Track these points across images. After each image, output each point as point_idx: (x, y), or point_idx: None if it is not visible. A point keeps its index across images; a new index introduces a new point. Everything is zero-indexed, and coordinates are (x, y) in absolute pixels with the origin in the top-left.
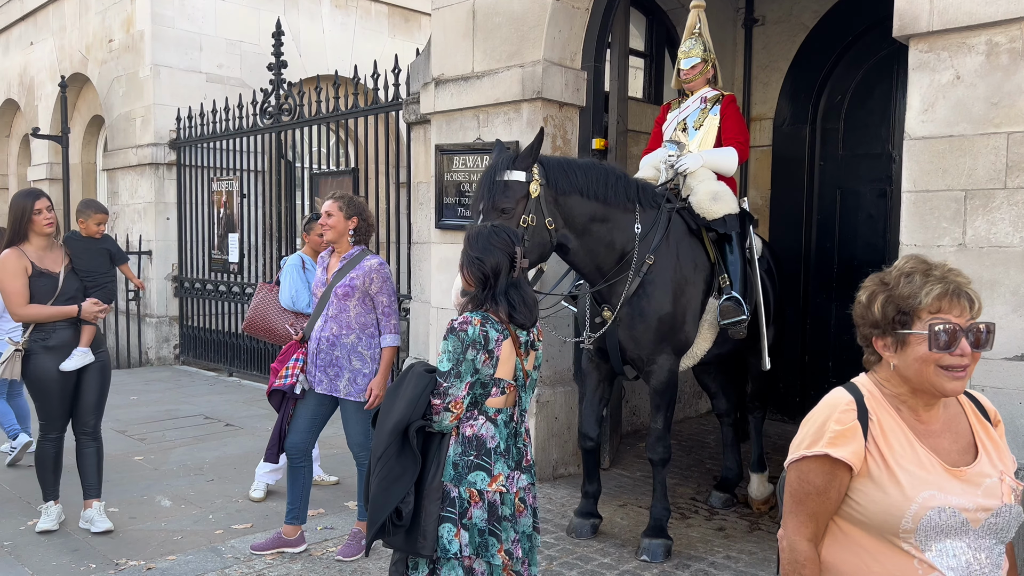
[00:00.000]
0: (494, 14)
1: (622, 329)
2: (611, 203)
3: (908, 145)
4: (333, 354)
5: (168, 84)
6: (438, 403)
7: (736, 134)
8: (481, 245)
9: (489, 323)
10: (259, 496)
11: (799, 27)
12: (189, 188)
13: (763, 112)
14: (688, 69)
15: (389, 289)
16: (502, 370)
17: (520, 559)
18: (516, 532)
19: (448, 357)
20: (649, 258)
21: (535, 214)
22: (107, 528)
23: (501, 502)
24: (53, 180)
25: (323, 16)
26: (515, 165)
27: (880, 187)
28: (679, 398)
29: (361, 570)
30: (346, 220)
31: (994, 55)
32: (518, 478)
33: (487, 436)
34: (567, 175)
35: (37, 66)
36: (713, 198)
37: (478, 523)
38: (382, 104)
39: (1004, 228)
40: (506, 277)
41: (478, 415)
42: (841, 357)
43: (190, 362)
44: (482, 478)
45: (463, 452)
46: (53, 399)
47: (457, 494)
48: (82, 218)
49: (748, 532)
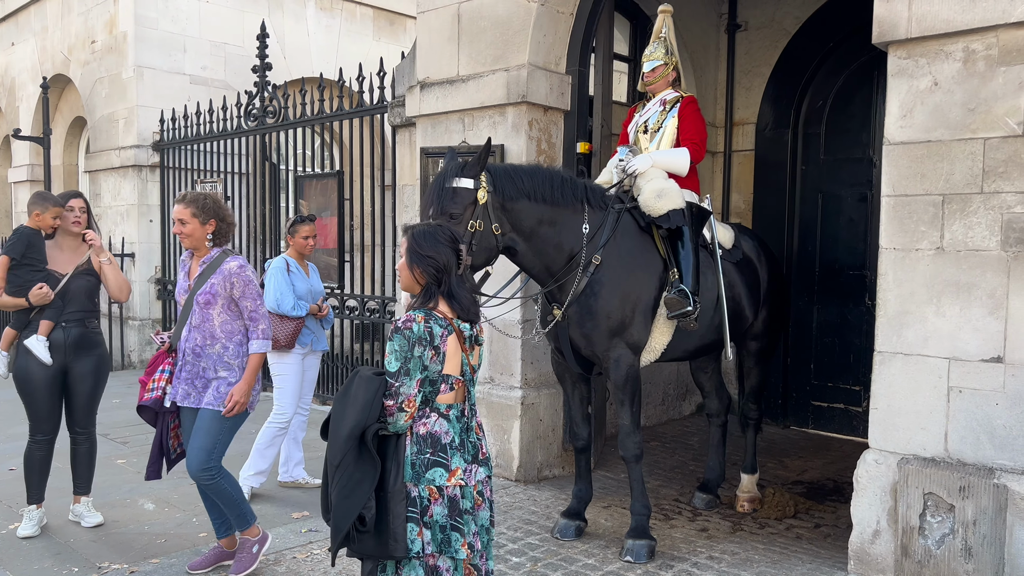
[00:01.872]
0: (479, 18)
1: (572, 328)
2: (559, 205)
3: (887, 150)
4: (199, 366)
5: (151, 85)
6: (391, 404)
7: (692, 135)
8: (431, 243)
9: (433, 319)
10: None
11: (781, 32)
12: (173, 190)
13: (746, 117)
14: (649, 72)
15: (253, 293)
16: (449, 366)
17: (479, 551)
18: (476, 525)
19: (395, 356)
20: (596, 258)
21: (482, 219)
22: (98, 522)
23: (462, 495)
24: (34, 182)
25: (308, 18)
26: (463, 173)
27: (861, 191)
28: (663, 400)
29: (346, 571)
30: (203, 226)
31: (971, 62)
32: (476, 471)
33: (441, 432)
34: (513, 181)
35: (19, 67)
36: (658, 195)
37: (439, 519)
38: (367, 107)
39: (981, 232)
40: (455, 274)
41: (430, 412)
42: (823, 359)
43: None
44: (440, 474)
45: (419, 451)
46: (38, 399)
47: (417, 493)
48: (38, 210)
49: (731, 533)
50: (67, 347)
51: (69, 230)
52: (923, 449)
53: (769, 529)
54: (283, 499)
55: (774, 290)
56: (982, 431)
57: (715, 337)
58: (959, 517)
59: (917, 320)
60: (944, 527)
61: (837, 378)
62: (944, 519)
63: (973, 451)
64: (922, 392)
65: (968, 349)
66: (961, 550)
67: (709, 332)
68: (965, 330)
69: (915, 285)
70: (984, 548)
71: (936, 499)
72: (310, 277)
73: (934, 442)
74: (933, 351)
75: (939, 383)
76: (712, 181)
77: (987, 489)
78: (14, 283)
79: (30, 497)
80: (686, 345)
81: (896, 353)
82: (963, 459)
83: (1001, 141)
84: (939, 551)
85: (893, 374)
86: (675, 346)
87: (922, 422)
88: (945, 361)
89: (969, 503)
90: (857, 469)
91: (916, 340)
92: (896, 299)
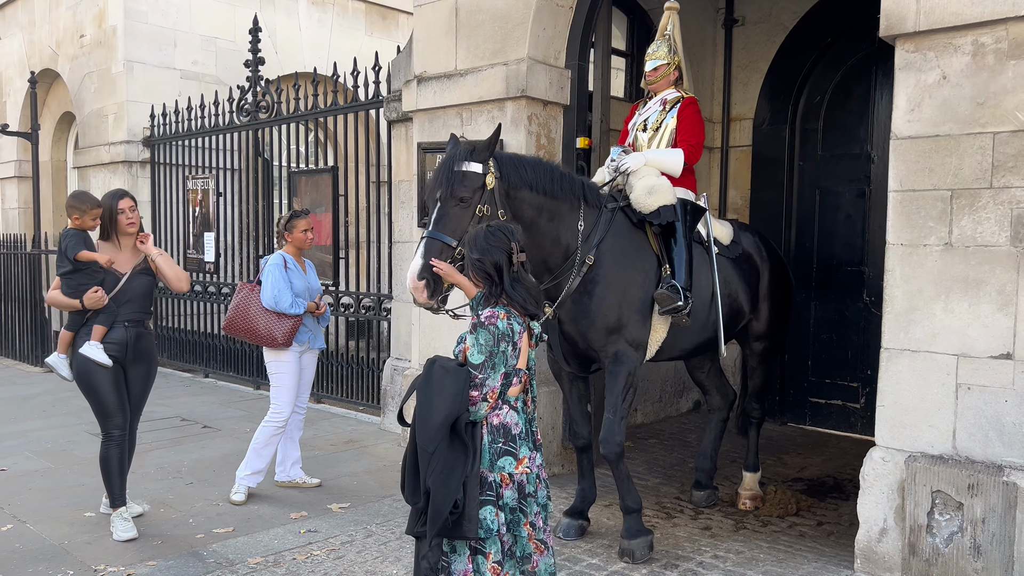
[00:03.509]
0: (477, 11)
1: (568, 326)
2: (558, 199)
3: (894, 145)
4: None
5: (141, 80)
6: (476, 394)
7: (688, 136)
8: (480, 246)
9: (512, 316)
10: (240, 499)
11: (779, 27)
12: (163, 186)
13: (743, 112)
14: (651, 71)
15: None
16: (520, 360)
17: (541, 528)
18: (537, 505)
19: (480, 350)
20: (589, 258)
21: (489, 205)
22: (139, 512)
23: (527, 481)
24: (22, 178)
25: (300, 13)
26: (472, 157)
27: (859, 187)
28: (660, 397)
29: (347, 573)
30: None
31: (980, 55)
32: (536, 457)
33: (511, 423)
34: (517, 170)
35: (6, 61)
36: (649, 192)
37: (509, 502)
38: (362, 102)
39: (990, 227)
40: (508, 273)
41: (502, 404)
42: (820, 356)
43: (165, 363)
44: (509, 462)
45: (493, 440)
46: (105, 395)
47: (492, 479)
48: (76, 214)
49: (734, 531)
50: (128, 346)
51: (125, 231)
52: (931, 446)
53: (772, 527)
54: (281, 499)
55: (777, 287)
56: (991, 428)
57: (712, 335)
58: (968, 515)
59: (925, 316)
60: (952, 525)
61: (835, 374)
62: (952, 517)
63: (982, 448)
64: (930, 389)
65: (977, 346)
66: (970, 548)
67: (705, 330)
68: (974, 326)
69: (923, 281)
70: (993, 546)
71: (944, 497)
72: (307, 274)
73: (942, 439)
74: (941, 348)
75: (947, 380)
76: (709, 177)
77: (996, 487)
78: (70, 284)
79: (115, 500)
80: (683, 343)
81: (903, 350)
82: (972, 456)
83: (1011, 135)
84: (947, 549)
85: (900, 371)
86: (671, 344)
87: (930, 419)
88: (953, 358)
89: (978, 501)
90: (864, 467)
91: (924, 337)
92: (903, 295)
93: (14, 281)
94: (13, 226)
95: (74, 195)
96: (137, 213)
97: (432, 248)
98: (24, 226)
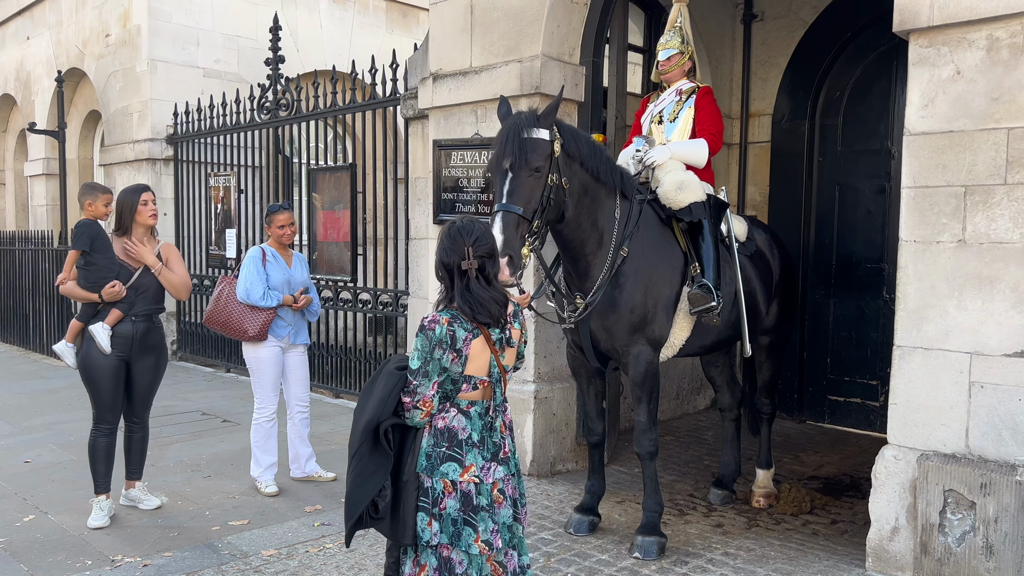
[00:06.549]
0: (492, 9)
1: (594, 320)
2: (601, 181)
3: (908, 140)
4: None
5: (165, 79)
6: (408, 401)
7: (708, 126)
8: (443, 246)
9: (458, 322)
10: (274, 491)
11: (798, 23)
12: (186, 184)
13: (762, 108)
14: (664, 60)
15: None
16: (472, 367)
17: (501, 549)
18: (495, 523)
19: (417, 355)
20: (624, 249)
21: (555, 174)
22: (157, 504)
23: (477, 492)
24: (50, 175)
25: (321, 11)
26: (539, 123)
27: (879, 183)
28: (677, 394)
29: (359, 566)
30: None
31: (995, 50)
32: (494, 469)
33: (459, 428)
34: (576, 141)
35: (33, 61)
36: (678, 188)
37: (451, 513)
38: (380, 99)
39: (1004, 224)
40: (458, 277)
41: (450, 407)
42: (839, 354)
43: (187, 358)
44: (454, 468)
45: (435, 444)
46: (103, 389)
47: (430, 484)
48: (89, 200)
49: (746, 529)
50: (134, 341)
51: (146, 223)
52: (943, 445)
53: (785, 525)
54: (297, 493)
55: (786, 283)
56: (1004, 427)
57: (731, 332)
58: (980, 514)
59: (938, 314)
60: (965, 524)
61: (854, 372)
62: (965, 516)
63: (995, 447)
64: (943, 387)
65: (990, 343)
66: (982, 548)
67: (726, 327)
68: (988, 324)
69: (936, 278)
70: (1006, 546)
71: (957, 496)
72: (292, 267)
73: (955, 438)
74: (954, 345)
75: (960, 378)
76: (727, 173)
77: (1009, 486)
78: (88, 278)
79: (98, 487)
80: (703, 340)
81: (916, 347)
82: (984, 455)
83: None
84: (959, 549)
85: (913, 369)
86: (693, 341)
87: (942, 418)
88: (967, 355)
89: (991, 500)
90: (875, 465)
91: (937, 334)
92: (916, 293)
93: (41, 277)
94: (41, 222)
95: (84, 185)
96: (156, 207)
97: (509, 222)
98: (52, 223)
